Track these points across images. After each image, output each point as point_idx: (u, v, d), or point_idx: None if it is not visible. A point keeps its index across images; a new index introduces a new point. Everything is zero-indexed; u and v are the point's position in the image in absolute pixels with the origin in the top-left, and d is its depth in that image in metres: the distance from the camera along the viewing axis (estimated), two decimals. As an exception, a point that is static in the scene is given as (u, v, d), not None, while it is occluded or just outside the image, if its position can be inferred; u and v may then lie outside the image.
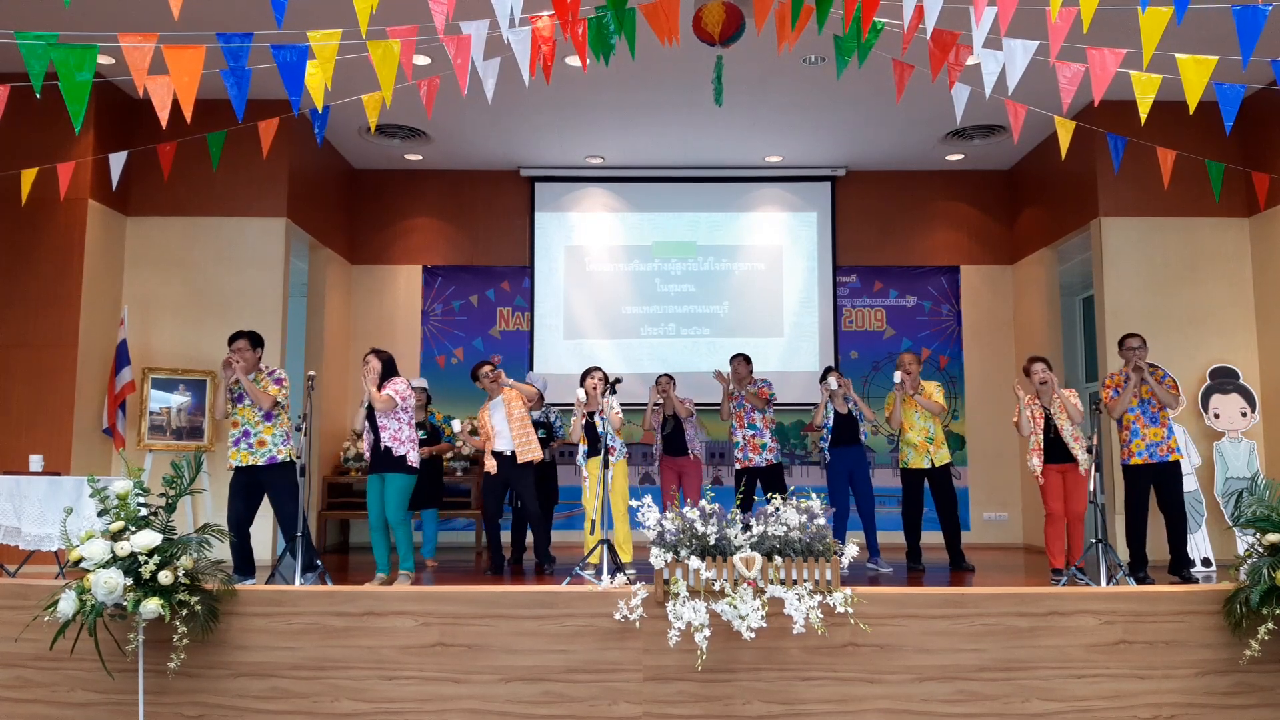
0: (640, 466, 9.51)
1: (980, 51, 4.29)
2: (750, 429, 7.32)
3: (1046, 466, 6.30)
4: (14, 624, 4.08)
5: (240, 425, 5.88)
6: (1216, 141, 7.80)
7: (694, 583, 3.89)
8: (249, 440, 5.85)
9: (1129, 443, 6.30)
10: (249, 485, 5.87)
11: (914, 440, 7.01)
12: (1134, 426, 6.28)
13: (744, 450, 7.32)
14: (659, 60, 7.28)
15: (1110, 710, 3.97)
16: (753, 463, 7.29)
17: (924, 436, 7.00)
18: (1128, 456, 6.32)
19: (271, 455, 5.85)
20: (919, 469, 7.01)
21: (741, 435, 7.33)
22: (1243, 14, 4.04)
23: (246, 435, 5.86)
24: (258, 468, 5.82)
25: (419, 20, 5.78)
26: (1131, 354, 6.35)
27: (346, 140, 9.14)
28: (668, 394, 7.29)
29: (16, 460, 6.93)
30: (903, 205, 10.05)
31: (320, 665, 4.01)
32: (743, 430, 7.33)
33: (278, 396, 5.87)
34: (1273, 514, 4.10)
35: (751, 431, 7.32)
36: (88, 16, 6.38)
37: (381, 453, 5.92)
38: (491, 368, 6.91)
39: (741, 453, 7.33)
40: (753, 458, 7.29)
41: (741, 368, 7.41)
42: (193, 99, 4.19)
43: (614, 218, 10.02)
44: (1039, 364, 6.40)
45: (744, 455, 7.32)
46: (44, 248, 7.32)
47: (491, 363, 6.98)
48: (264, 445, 5.85)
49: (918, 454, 7.00)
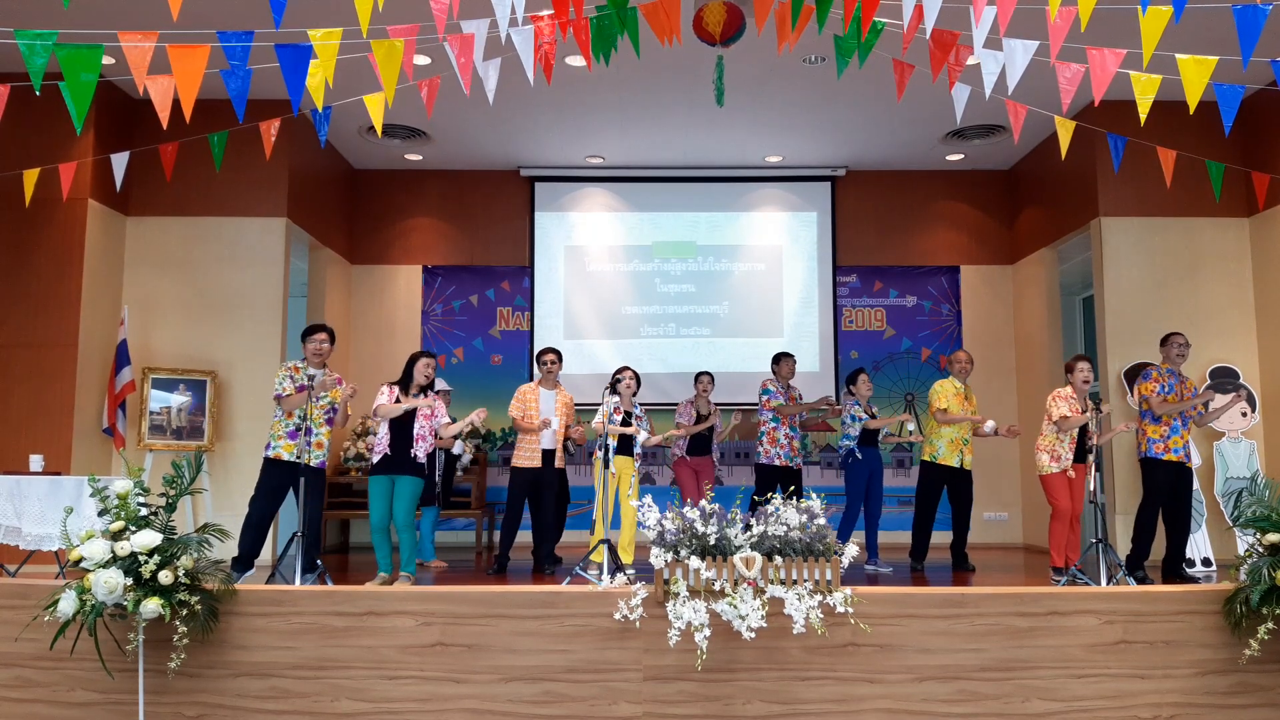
0: (641, 466, 9.50)
1: (980, 51, 4.29)
2: (792, 430, 7.36)
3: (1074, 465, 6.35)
4: (14, 624, 4.08)
5: (296, 418, 5.84)
6: (1216, 141, 7.80)
7: (694, 583, 3.89)
8: (310, 439, 5.79)
9: (1167, 437, 6.27)
10: (286, 483, 5.86)
11: (950, 436, 6.99)
12: (1174, 423, 6.29)
13: (784, 449, 7.32)
14: (659, 60, 7.27)
15: (1110, 710, 3.97)
16: (789, 464, 7.32)
17: (960, 434, 6.99)
18: (1162, 450, 6.27)
19: (323, 459, 5.90)
20: (948, 466, 6.99)
21: (784, 434, 7.33)
22: (1243, 14, 4.05)
23: (309, 433, 5.79)
24: (307, 468, 5.73)
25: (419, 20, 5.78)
26: (1178, 350, 6.39)
27: (347, 140, 9.14)
28: (708, 392, 7.41)
29: (16, 460, 6.93)
30: (903, 205, 10.05)
31: (320, 665, 4.01)
32: (785, 430, 7.34)
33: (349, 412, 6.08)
34: (1273, 514, 4.10)
35: (794, 434, 7.37)
36: (87, 16, 6.38)
37: (407, 458, 5.89)
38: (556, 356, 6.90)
39: (783, 451, 7.31)
40: (791, 460, 7.32)
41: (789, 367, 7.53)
42: (193, 99, 4.19)
43: (614, 218, 10.02)
44: (1085, 363, 6.43)
45: (784, 455, 7.31)
46: (44, 248, 7.32)
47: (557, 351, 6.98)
48: (321, 448, 5.86)
49: (951, 451, 6.98)
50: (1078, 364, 6.43)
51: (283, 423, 5.88)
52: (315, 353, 5.99)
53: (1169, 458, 6.26)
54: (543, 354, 6.93)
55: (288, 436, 5.84)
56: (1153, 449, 6.32)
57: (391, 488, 5.91)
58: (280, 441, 5.84)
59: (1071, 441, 6.35)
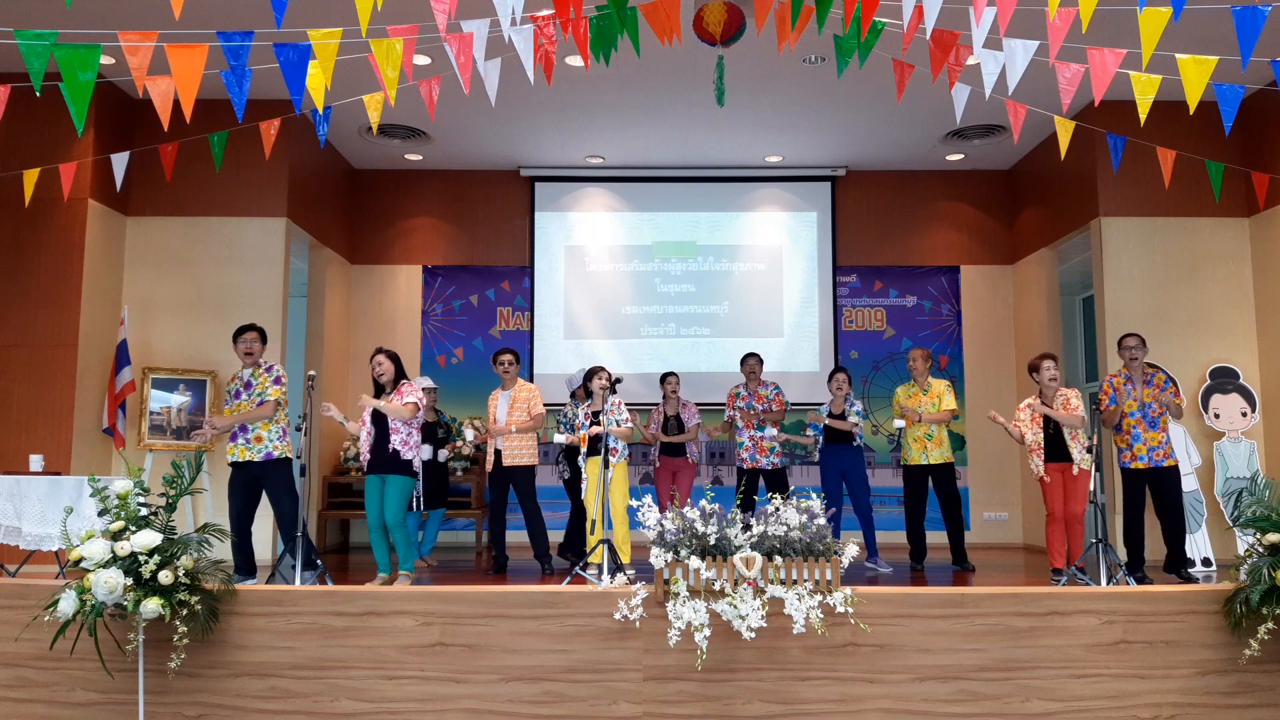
0: (640, 466, 9.51)
1: (980, 51, 4.29)
2: (759, 431, 7.35)
3: (1048, 465, 6.31)
4: (14, 624, 4.08)
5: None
6: (1216, 141, 7.80)
7: (694, 582, 3.89)
8: (246, 435, 5.87)
9: (1129, 446, 6.31)
10: (247, 482, 5.88)
11: (914, 434, 7.04)
12: (1134, 430, 6.29)
13: (751, 451, 7.33)
14: (659, 60, 7.28)
15: (1110, 710, 3.97)
16: (759, 464, 7.31)
17: (924, 432, 7.02)
18: (1128, 460, 6.33)
19: (268, 451, 5.86)
20: (918, 465, 7.04)
21: (749, 436, 7.35)
22: (1242, 14, 4.05)
23: (244, 430, 5.87)
24: (254, 464, 5.83)
25: (419, 20, 5.79)
26: (1129, 353, 6.36)
27: (347, 140, 9.14)
28: (677, 393, 7.41)
29: (16, 460, 6.93)
30: (903, 205, 10.05)
31: (320, 665, 4.01)
32: (750, 432, 7.35)
33: (278, 397, 5.91)
34: (1273, 514, 4.10)
35: (760, 434, 7.35)
36: (88, 16, 6.38)
37: (389, 455, 5.89)
38: (513, 358, 6.90)
39: (749, 453, 7.34)
40: (759, 459, 7.31)
41: (755, 366, 7.48)
42: (193, 99, 4.19)
43: (614, 218, 10.02)
44: (1049, 361, 6.39)
45: (751, 456, 7.33)
46: (44, 248, 7.32)
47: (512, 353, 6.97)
48: (260, 441, 5.87)
49: (916, 450, 7.03)
50: (1042, 362, 6.39)
51: None
52: (246, 352, 6.00)
53: (1135, 465, 6.27)
54: (498, 355, 6.93)
55: (230, 439, 5.95)
56: (1121, 458, 6.38)
57: (382, 487, 5.93)
58: (227, 446, 5.96)
59: (1037, 444, 6.33)
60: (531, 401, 6.80)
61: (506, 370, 6.85)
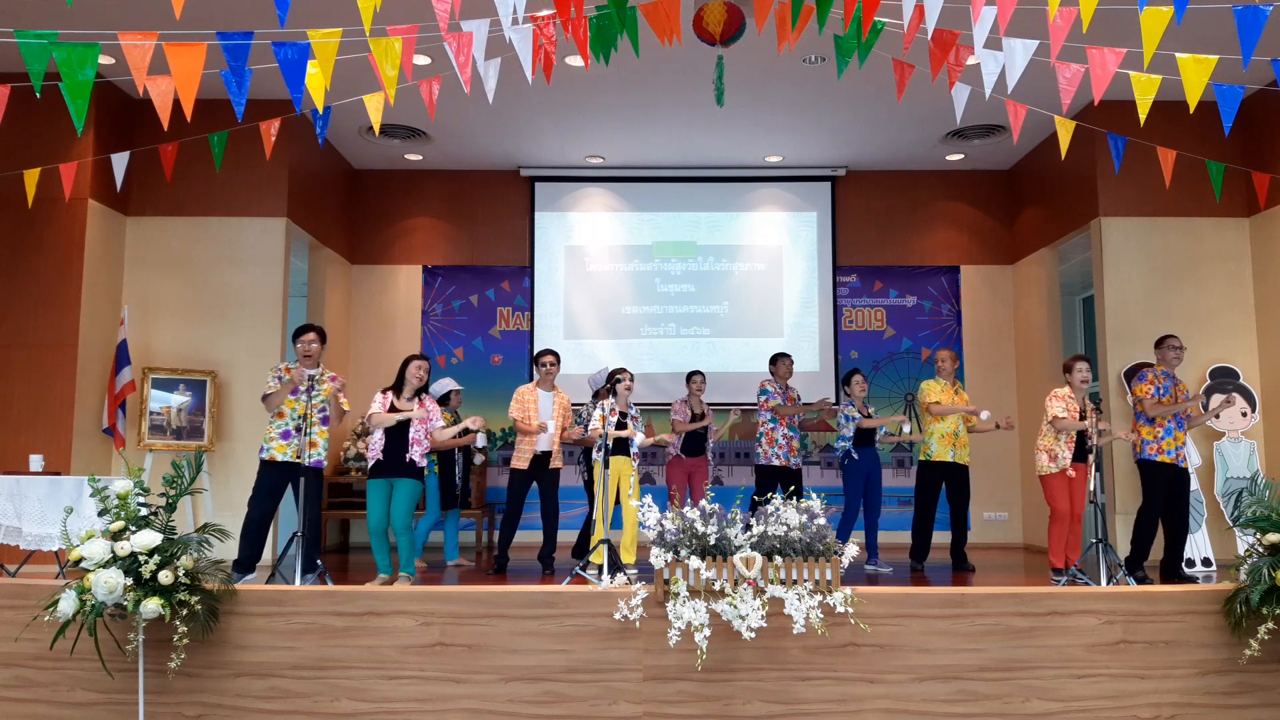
0: (642, 466, 9.50)
1: (980, 51, 4.29)
2: (791, 430, 7.37)
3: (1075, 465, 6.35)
4: (14, 624, 4.07)
5: (288, 419, 5.85)
6: (1216, 141, 7.80)
7: (694, 582, 3.88)
8: (302, 438, 5.78)
9: (1161, 439, 6.28)
10: (283, 483, 5.86)
11: (942, 431, 7.01)
12: (1168, 424, 6.30)
13: (783, 449, 7.32)
14: (659, 60, 7.28)
15: (1110, 710, 3.97)
16: (788, 464, 7.32)
17: (952, 429, 7.01)
18: (1155, 452, 6.29)
19: (319, 459, 5.86)
20: (943, 461, 7.01)
21: (782, 434, 7.34)
22: (1243, 14, 4.05)
23: (300, 432, 5.79)
24: (303, 468, 5.70)
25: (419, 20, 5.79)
26: (1175, 353, 6.41)
27: (347, 140, 9.14)
28: (703, 391, 7.47)
29: (16, 460, 6.93)
30: (903, 205, 10.05)
31: (320, 665, 4.01)
32: (783, 430, 7.34)
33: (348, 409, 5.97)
34: (1273, 514, 4.10)
35: (793, 434, 7.37)
36: (87, 16, 6.38)
37: (405, 462, 5.87)
38: (555, 358, 6.96)
39: (781, 451, 7.32)
40: (790, 459, 7.33)
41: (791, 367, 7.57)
42: (193, 98, 4.19)
43: (614, 218, 10.02)
44: (1082, 363, 6.43)
45: (783, 455, 7.32)
46: (44, 248, 7.32)
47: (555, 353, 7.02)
48: (315, 447, 5.83)
49: (944, 446, 6.99)
50: (1076, 364, 6.42)
51: (274, 424, 5.89)
52: (305, 354, 5.96)
53: (1163, 459, 6.27)
54: (541, 355, 6.95)
55: (280, 437, 5.85)
56: (1147, 450, 6.34)
57: (389, 491, 5.91)
58: (273, 443, 5.85)
59: (1069, 441, 6.34)
60: (568, 408, 6.94)
61: (549, 371, 6.89)
